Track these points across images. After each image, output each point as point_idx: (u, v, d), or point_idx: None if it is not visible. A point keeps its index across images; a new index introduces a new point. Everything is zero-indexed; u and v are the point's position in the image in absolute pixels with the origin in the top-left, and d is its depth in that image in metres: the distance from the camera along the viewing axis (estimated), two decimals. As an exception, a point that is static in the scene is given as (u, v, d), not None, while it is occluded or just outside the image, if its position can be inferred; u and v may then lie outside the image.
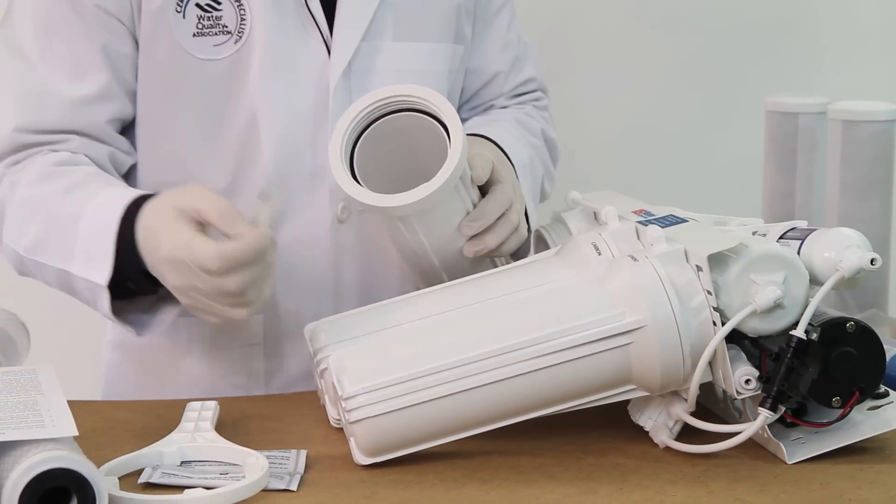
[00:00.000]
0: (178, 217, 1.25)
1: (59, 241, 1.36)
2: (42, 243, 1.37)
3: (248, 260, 1.21)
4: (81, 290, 1.36)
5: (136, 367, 1.54)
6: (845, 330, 1.15)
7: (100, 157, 1.44)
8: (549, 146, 1.65)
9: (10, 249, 1.41)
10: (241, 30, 1.42)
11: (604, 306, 1.19)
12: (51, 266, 1.37)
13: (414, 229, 1.34)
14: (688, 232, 1.25)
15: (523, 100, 1.68)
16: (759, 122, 1.78)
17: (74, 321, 1.87)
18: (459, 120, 1.31)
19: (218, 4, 1.42)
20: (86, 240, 1.34)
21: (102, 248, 1.32)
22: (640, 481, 1.15)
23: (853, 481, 1.15)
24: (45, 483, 0.99)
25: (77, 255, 1.35)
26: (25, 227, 1.39)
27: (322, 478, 1.17)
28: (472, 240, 1.37)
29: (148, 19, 1.42)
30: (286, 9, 1.44)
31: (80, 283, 1.35)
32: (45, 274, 1.39)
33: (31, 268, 1.40)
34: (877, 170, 1.54)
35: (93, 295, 1.35)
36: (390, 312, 1.29)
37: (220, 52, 1.43)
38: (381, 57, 1.48)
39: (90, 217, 1.34)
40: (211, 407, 1.28)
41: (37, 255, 1.38)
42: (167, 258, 1.25)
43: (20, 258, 1.40)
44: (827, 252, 1.19)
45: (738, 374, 1.17)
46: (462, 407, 1.18)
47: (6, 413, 1.07)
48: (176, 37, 1.42)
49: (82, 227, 1.34)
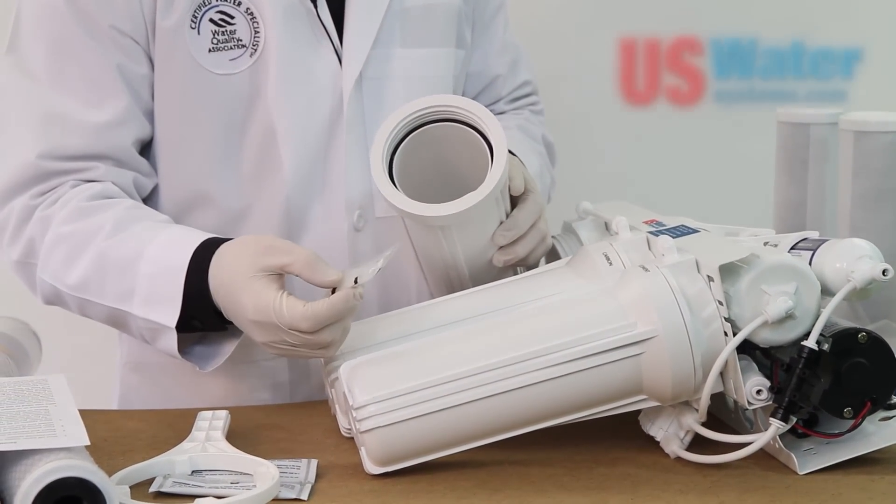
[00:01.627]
0: (260, 277, 1.25)
1: (115, 280, 1.35)
2: (93, 282, 1.36)
3: (339, 317, 1.23)
4: (139, 328, 1.36)
5: (155, 388, 1.53)
6: (857, 341, 1.15)
7: (125, 184, 1.43)
8: (549, 151, 1.67)
9: (47, 285, 1.40)
10: (255, 43, 1.43)
11: (615, 317, 1.19)
12: (102, 304, 1.37)
13: (452, 239, 1.35)
14: (699, 242, 1.25)
15: (520, 104, 1.69)
16: (771, 132, 1.78)
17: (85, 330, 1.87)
18: (502, 129, 1.32)
19: (231, 18, 1.42)
20: (149, 280, 1.34)
21: (170, 291, 1.32)
22: (651, 491, 1.15)
23: (864, 492, 1.14)
24: (56, 492, 1.00)
25: (137, 296, 1.35)
26: (70, 265, 1.37)
27: (333, 487, 1.17)
28: (502, 249, 1.38)
29: (163, 38, 1.41)
30: (298, 19, 1.44)
31: (137, 322, 1.35)
32: (90, 310, 1.39)
33: (73, 303, 1.39)
34: (888, 180, 1.53)
35: (153, 334, 1.35)
36: (401, 322, 1.29)
37: (237, 66, 1.43)
38: (391, 64, 1.49)
39: (153, 257, 1.34)
40: (222, 416, 1.28)
41: (86, 294, 1.37)
42: (253, 321, 1.26)
43: (58, 293, 1.39)
44: (838, 263, 1.19)
45: (749, 384, 1.17)
46: (473, 417, 1.18)
47: (18, 422, 1.08)
48: (192, 53, 1.41)
49: (143, 268, 1.34)
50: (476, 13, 1.61)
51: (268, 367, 1.50)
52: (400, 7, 1.50)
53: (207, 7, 1.41)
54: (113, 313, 1.37)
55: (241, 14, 1.42)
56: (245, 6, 1.42)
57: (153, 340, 1.36)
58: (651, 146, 2.29)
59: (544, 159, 1.62)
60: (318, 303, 1.22)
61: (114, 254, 1.36)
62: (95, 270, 1.36)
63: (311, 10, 1.44)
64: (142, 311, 1.34)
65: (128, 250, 1.35)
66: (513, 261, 1.38)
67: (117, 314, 1.36)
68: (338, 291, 1.23)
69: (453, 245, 1.36)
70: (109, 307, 1.36)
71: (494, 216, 1.36)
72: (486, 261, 1.38)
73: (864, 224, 1.54)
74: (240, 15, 1.42)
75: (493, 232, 1.37)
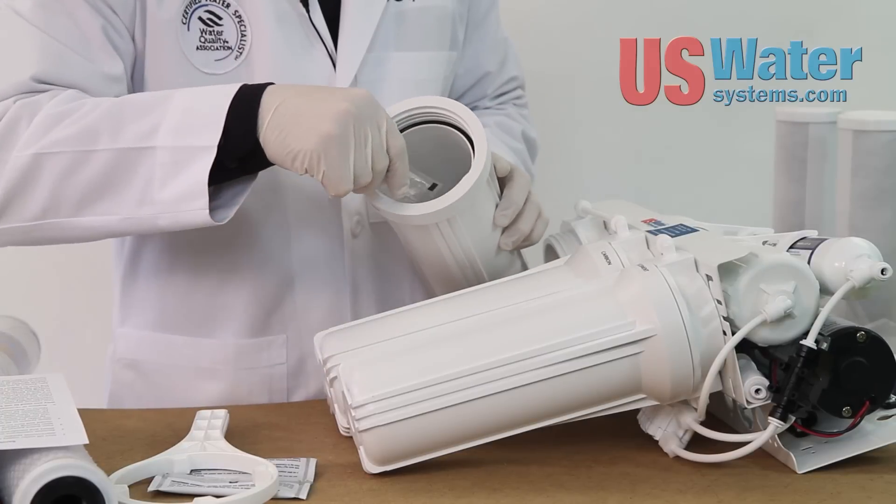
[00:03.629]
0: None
1: (134, 122, 1.29)
2: (104, 130, 1.29)
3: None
4: (154, 167, 1.29)
5: (149, 387, 1.51)
6: (856, 340, 1.15)
7: None
8: (529, 147, 1.67)
9: (21, 160, 1.29)
10: (241, 46, 1.42)
11: (614, 316, 1.19)
12: (108, 150, 1.28)
13: (459, 230, 1.35)
14: (698, 241, 1.25)
15: (504, 99, 1.69)
16: (770, 131, 1.78)
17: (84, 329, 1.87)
18: (478, 119, 1.34)
19: (219, 19, 1.42)
20: (182, 112, 1.29)
21: (209, 115, 1.28)
22: (649, 490, 1.15)
23: (863, 491, 1.14)
24: (55, 491, 0.99)
25: (165, 126, 1.28)
26: (70, 126, 1.29)
27: (331, 486, 1.17)
28: (507, 231, 1.39)
29: (156, 28, 1.40)
30: (290, 24, 1.43)
31: (157, 157, 1.29)
32: (87, 168, 1.29)
33: (53, 172, 1.29)
34: (887, 179, 1.54)
35: (175, 169, 1.28)
36: (400, 321, 1.29)
37: (222, 68, 1.42)
38: (386, 68, 1.49)
39: (186, 94, 1.30)
40: (221, 415, 1.28)
41: (88, 144, 1.28)
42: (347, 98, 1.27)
43: (33, 169, 1.29)
44: (837, 262, 1.19)
45: (748, 383, 1.17)
46: (472, 416, 1.18)
47: (17, 421, 1.08)
48: (182, 48, 1.41)
49: (175, 103, 1.29)
50: (470, 12, 1.61)
51: (266, 373, 1.50)
52: (396, 10, 1.49)
53: (198, 5, 1.41)
54: (121, 158, 1.29)
55: (229, 16, 1.42)
56: (234, 8, 1.41)
57: (173, 176, 1.28)
58: (651, 146, 2.29)
59: (521, 155, 1.63)
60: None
61: (134, 101, 1.31)
62: (110, 117, 1.30)
63: (304, 14, 1.43)
64: (170, 140, 1.28)
65: (152, 96, 1.31)
66: (519, 240, 1.40)
67: (128, 158, 1.29)
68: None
69: (462, 237, 1.36)
70: (121, 149, 1.29)
71: (490, 201, 1.37)
72: (495, 250, 1.40)
73: (863, 223, 1.54)
74: (227, 17, 1.42)
75: (491, 217, 1.38)
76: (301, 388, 1.51)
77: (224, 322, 1.48)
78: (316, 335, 1.33)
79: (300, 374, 1.50)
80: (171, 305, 1.49)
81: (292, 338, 1.50)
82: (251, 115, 1.28)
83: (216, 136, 1.28)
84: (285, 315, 1.49)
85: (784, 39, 2.29)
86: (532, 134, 1.69)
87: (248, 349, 1.49)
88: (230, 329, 1.48)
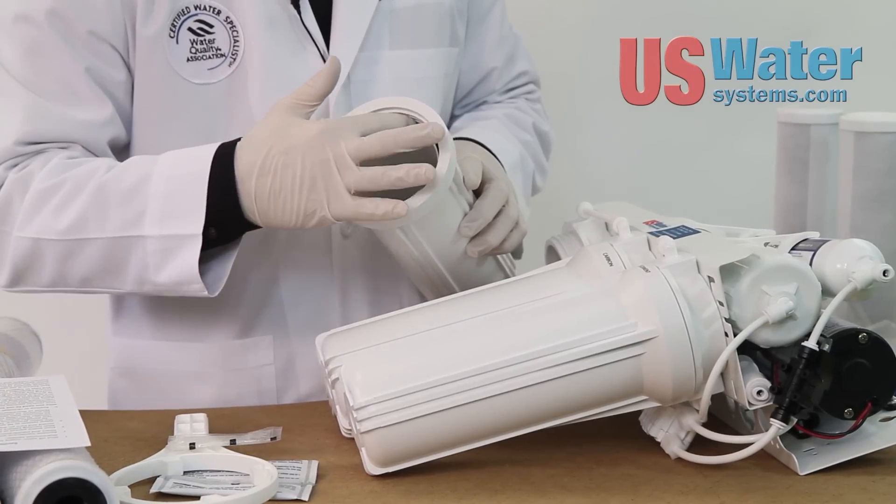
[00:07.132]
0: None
1: (120, 208, 1.32)
2: (92, 217, 1.33)
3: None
4: (147, 255, 1.33)
5: (142, 393, 1.51)
6: (858, 341, 1.15)
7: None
8: (541, 140, 1.66)
9: (24, 243, 1.35)
10: (234, 52, 1.42)
11: (615, 317, 1.19)
12: (102, 238, 1.33)
13: (415, 238, 1.35)
14: (699, 243, 1.25)
15: (515, 94, 1.68)
16: (772, 132, 1.78)
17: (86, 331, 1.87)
18: (443, 122, 1.33)
19: (210, 27, 1.41)
20: (162, 199, 1.32)
21: (190, 200, 1.31)
22: (651, 492, 1.15)
23: (865, 493, 1.14)
24: (57, 492, 1.00)
25: (150, 215, 1.32)
26: (62, 210, 1.33)
27: (333, 488, 1.17)
28: (474, 240, 1.38)
29: (143, 45, 1.40)
30: (281, 26, 1.43)
31: (147, 246, 1.32)
32: (80, 256, 1.34)
33: (56, 256, 1.34)
34: (889, 181, 1.53)
35: (166, 256, 1.32)
36: (402, 323, 1.29)
37: (215, 76, 1.42)
38: (379, 66, 1.48)
39: (164, 175, 1.32)
40: (200, 419, 1.27)
41: (82, 233, 1.33)
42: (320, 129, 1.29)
43: (38, 250, 1.34)
44: (839, 263, 1.19)
45: (749, 385, 1.17)
46: (473, 417, 1.18)
47: (19, 423, 1.08)
48: (170, 62, 1.40)
49: (154, 188, 1.32)
50: (471, 8, 1.60)
51: (254, 374, 1.50)
52: (389, 9, 1.49)
53: (186, 16, 1.40)
54: (113, 247, 1.33)
55: (221, 23, 1.41)
56: (225, 15, 1.41)
57: (165, 263, 1.33)
58: (651, 146, 2.29)
59: (530, 147, 1.61)
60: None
61: (115, 186, 1.33)
62: (95, 204, 1.33)
63: (295, 15, 1.43)
64: (156, 229, 1.32)
65: (132, 177, 1.33)
66: (486, 250, 1.38)
67: (119, 246, 1.33)
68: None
69: (419, 244, 1.36)
70: (111, 238, 1.33)
71: (455, 209, 1.37)
72: (460, 255, 1.39)
73: (865, 224, 1.54)
74: (219, 24, 1.41)
75: (457, 225, 1.37)
76: (291, 390, 1.51)
77: (211, 324, 1.48)
78: (317, 336, 1.33)
79: (289, 375, 1.50)
80: (160, 312, 1.50)
81: (279, 338, 1.49)
82: (230, 192, 1.31)
83: (199, 224, 1.31)
84: (272, 315, 1.49)
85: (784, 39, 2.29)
86: (544, 127, 1.67)
87: (235, 350, 1.49)
88: (217, 331, 1.48)
